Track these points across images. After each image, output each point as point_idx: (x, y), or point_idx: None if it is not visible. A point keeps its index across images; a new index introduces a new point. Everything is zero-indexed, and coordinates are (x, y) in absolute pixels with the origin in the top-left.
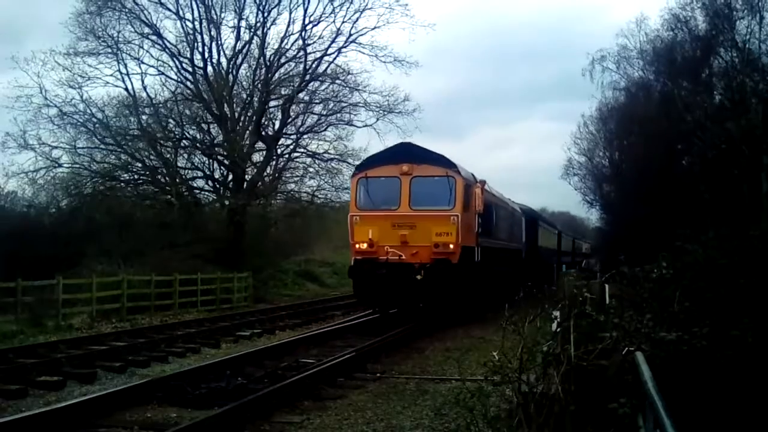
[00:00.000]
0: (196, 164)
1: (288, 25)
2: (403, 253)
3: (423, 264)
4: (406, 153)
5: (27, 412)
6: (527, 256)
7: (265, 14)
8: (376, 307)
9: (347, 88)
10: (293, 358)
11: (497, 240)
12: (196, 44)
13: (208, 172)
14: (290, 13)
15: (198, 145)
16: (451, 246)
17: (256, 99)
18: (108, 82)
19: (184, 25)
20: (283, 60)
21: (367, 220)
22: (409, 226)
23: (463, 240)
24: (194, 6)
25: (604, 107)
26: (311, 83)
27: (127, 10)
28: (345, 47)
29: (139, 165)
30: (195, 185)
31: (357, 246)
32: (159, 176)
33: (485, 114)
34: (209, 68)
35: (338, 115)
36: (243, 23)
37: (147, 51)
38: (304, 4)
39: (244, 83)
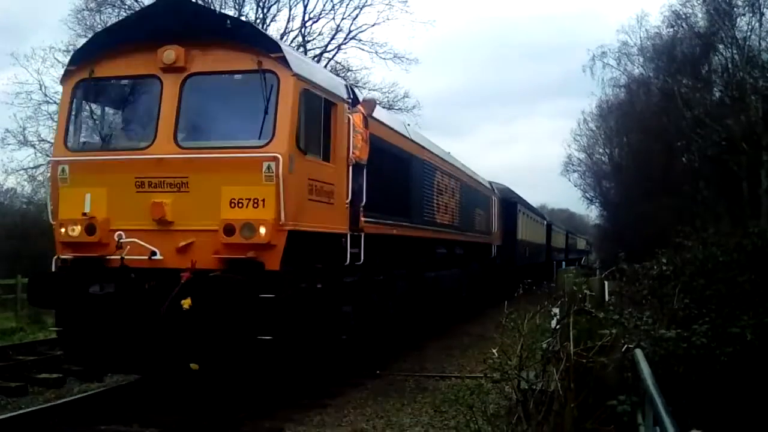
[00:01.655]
0: None
1: (288, 22)
2: (158, 247)
3: (201, 272)
4: (172, 20)
5: (26, 408)
6: (502, 253)
7: (265, 11)
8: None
9: None
10: None
11: (431, 226)
12: None
13: None
14: (290, 9)
15: None
16: (263, 230)
17: None
18: None
19: None
20: None
21: (84, 173)
22: (172, 186)
23: (300, 215)
24: None
25: (604, 104)
26: None
27: (126, 7)
28: (345, 44)
29: None
30: None
31: (63, 231)
32: None
33: (487, 112)
34: None
35: None
36: (242, 19)
37: None
38: (303, 0)
39: None
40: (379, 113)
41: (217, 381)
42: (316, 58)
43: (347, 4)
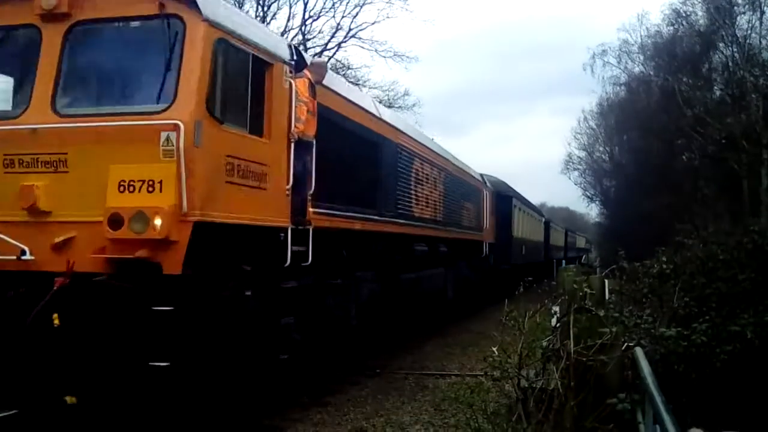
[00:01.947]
0: None
1: (288, 20)
2: (28, 245)
3: (81, 277)
4: None
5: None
6: (495, 252)
7: (265, 9)
8: None
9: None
10: None
11: (407, 220)
12: None
13: None
14: (290, 7)
15: None
16: (159, 222)
17: None
18: None
19: None
20: None
21: None
22: (48, 165)
23: (212, 202)
24: None
25: (605, 102)
26: None
27: None
28: (345, 42)
29: None
30: None
31: None
32: None
33: (487, 110)
34: None
35: None
36: None
37: None
38: None
39: None
40: (334, 82)
41: (102, 415)
42: (316, 56)
43: (347, 2)
